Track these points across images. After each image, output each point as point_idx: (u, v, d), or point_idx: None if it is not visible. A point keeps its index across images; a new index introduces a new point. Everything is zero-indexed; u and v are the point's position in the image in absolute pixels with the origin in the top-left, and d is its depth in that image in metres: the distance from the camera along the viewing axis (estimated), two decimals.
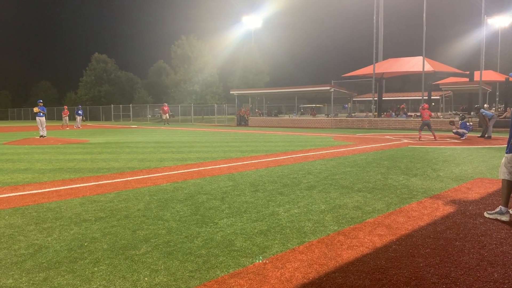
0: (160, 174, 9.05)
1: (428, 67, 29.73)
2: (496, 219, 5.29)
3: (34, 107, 21.92)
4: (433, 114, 26.69)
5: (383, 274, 3.60)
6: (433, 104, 22.93)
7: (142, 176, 8.80)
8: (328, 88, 33.74)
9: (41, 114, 21.05)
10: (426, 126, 18.52)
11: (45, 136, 20.66)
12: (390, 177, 8.41)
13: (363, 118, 32.43)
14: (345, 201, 6.36)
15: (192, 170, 9.71)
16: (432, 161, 10.94)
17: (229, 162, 11.17)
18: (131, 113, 56.37)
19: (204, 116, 53.73)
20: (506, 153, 5.45)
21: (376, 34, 33.68)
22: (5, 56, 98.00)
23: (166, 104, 45.98)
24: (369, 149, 14.44)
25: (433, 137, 18.46)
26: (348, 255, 4.08)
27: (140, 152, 13.93)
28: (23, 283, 3.40)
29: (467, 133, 18.99)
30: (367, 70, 34.62)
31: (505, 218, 5.25)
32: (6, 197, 6.78)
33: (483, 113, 19.30)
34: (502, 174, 5.44)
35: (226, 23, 61.84)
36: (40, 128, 20.80)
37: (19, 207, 6.05)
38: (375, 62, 32.54)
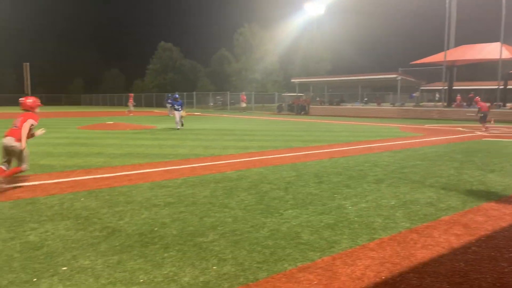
0: (224, 162, 9.15)
1: (506, 54, 27.55)
2: None
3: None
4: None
5: (463, 278, 3.36)
6: None
7: (207, 163, 8.95)
8: (394, 76, 32.35)
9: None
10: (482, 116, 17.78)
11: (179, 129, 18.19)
12: (464, 172, 7.88)
13: (432, 108, 30.83)
14: (416, 196, 6.04)
15: (254, 158, 9.73)
16: (511, 155, 10.13)
17: (291, 151, 11.07)
18: (194, 100, 57.81)
19: (265, 104, 53.86)
20: None
21: (448, 19, 31.70)
22: (79, 45, 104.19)
23: (243, 93, 46.89)
24: (439, 141, 13.68)
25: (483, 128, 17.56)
26: (422, 254, 3.86)
27: (204, 139, 14.21)
28: (98, 265, 3.55)
29: None
30: (437, 57, 32.76)
31: None
32: (82, 179, 7.18)
33: None
34: None
35: (288, 11, 60.94)
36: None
37: (93, 189, 6.37)
38: (447, 49, 30.70)
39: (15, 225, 4.58)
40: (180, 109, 18.33)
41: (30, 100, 6.78)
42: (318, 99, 43.59)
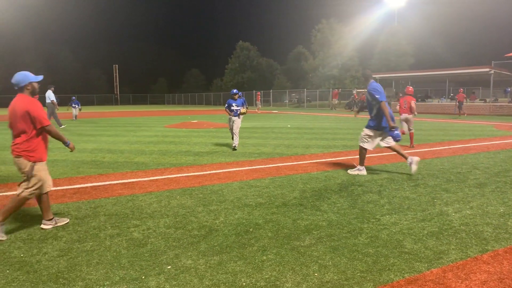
0: (309, 162, 9.02)
1: None
2: None
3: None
4: None
5: None
6: None
7: (292, 163, 8.88)
8: (487, 70, 29.87)
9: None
10: None
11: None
12: None
13: None
14: None
15: (340, 158, 9.48)
16: None
17: (379, 151, 10.61)
18: (271, 98, 58.29)
19: (341, 101, 52.67)
20: None
21: None
22: (164, 47, 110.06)
23: (335, 90, 46.36)
24: None
25: None
26: None
27: (285, 137, 14.18)
28: (200, 265, 3.61)
29: None
30: None
31: None
32: (175, 177, 7.46)
33: None
34: None
35: (367, 4, 59.05)
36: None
37: (187, 188, 6.58)
38: None
39: (119, 222, 4.85)
40: (239, 111, 11.45)
41: (411, 88, 11.96)
42: (401, 95, 41.61)
